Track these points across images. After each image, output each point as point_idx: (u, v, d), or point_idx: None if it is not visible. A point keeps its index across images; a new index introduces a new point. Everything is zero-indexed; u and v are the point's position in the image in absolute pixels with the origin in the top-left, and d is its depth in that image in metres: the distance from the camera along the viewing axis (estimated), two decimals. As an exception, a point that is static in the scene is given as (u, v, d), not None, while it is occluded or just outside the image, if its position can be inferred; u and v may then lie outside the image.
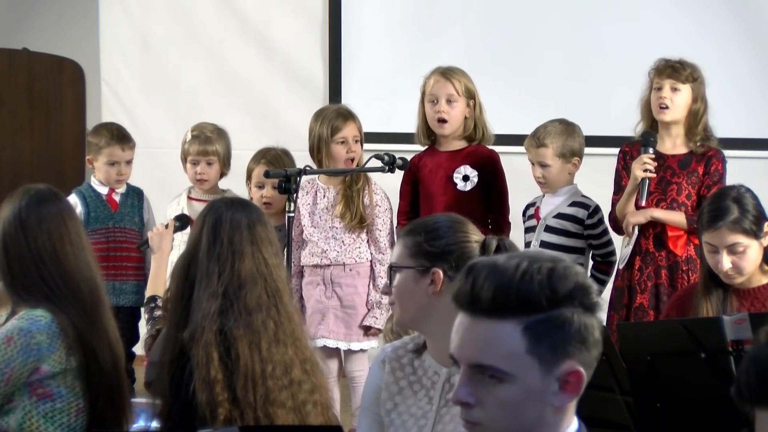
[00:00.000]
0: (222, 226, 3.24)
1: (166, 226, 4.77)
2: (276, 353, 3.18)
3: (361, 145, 5.41)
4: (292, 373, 3.21)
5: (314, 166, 5.27)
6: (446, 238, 2.99)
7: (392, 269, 3.04)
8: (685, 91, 5.06)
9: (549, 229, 5.24)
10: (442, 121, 5.33)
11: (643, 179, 4.96)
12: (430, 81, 5.38)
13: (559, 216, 5.25)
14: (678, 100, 5.05)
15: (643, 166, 4.95)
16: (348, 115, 5.42)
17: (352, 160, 5.37)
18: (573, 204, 5.26)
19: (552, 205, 5.28)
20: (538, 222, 5.27)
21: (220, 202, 3.34)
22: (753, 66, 6.56)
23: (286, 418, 3.16)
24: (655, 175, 4.98)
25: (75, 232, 3.46)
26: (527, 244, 5.36)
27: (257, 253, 3.24)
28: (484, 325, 2.00)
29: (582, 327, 2.01)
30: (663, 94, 5.04)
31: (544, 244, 5.18)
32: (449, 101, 5.32)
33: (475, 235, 3.01)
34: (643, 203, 4.98)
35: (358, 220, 5.33)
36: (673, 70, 5.05)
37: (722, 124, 5.25)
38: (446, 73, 5.36)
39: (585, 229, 5.23)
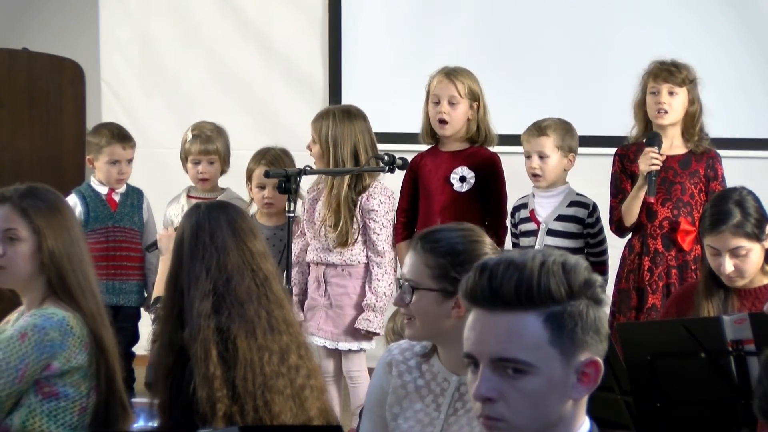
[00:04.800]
0: (201, 229, 3.27)
1: (176, 229, 4.80)
2: (272, 341, 3.21)
3: (322, 147, 5.30)
4: (289, 360, 3.23)
5: (314, 166, 5.27)
6: (473, 262, 2.92)
7: (412, 287, 2.96)
8: (682, 94, 5.06)
9: (551, 232, 5.23)
10: (443, 122, 5.32)
11: (649, 174, 4.96)
12: (434, 81, 5.37)
13: (560, 218, 5.24)
14: (676, 104, 5.06)
15: (649, 161, 4.95)
16: (314, 117, 5.40)
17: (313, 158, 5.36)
18: (572, 204, 5.26)
19: (549, 207, 5.27)
20: (538, 226, 5.25)
21: (196, 208, 3.36)
22: (755, 66, 6.57)
23: (284, 405, 3.19)
24: (659, 166, 4.97)
25: (81, 235, 3.53)
26: (514, 245, 5.35)
27: (241, 244, 3.27)
28: (505, 318, 2.02)
29: (596, 318, 2.05)
30: (661, 99, 5.04)
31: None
32: (451, 103, 5.31)
33: (493, 253, 2.95)
34: (652, 199, 4.98)
35: (342, 240, 5.28)
36: (669, 73, 5.05)
37: (724, 124, 5.26)
38: (450, 74, 5.34)
39: (585, 228, 5.23)
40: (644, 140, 5.07)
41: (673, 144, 5.11)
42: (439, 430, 2.98)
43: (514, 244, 5.37)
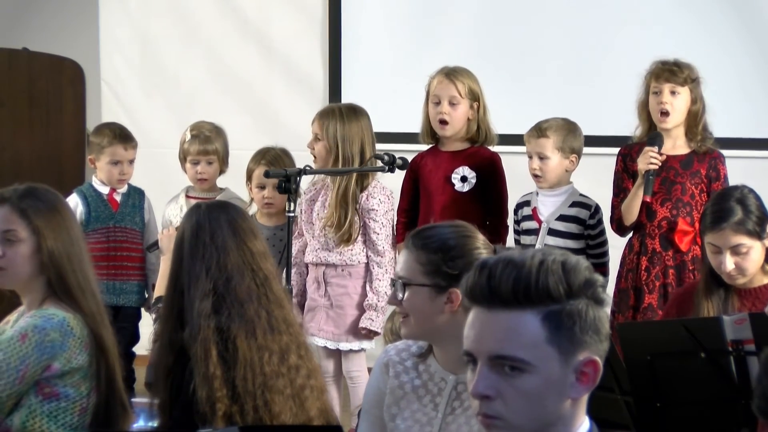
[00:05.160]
0: (202, 228, 3.27)
1: (177, 228, 4.80)
2: (272, 341, 3.21)
3: (329, 146, 5.30)
4: (289, 360, 3.24)
5: (314, 166, 5.27)
6: (464, 257, 2.94)
7: (404, 284, 2.98)
8: (685, 93, 5.06)
9: (552, 232, 5.23)
10: (444, 122, 5.32)
11: (647, 173, 4.96)
12: (434, 81, 5.37)
13: (562, 218, 5.24)
14: (678, 104, 5.05)
15: (648, 159, 4.95)
16: (318, 113, 5.40)
17: (314, 156, 5.34)
18: (574, 204, 5.25)
19: (552, 206, 5.27)
20: (539, 225, 5.25)
21: (197, 208, 3.36)
22: (755, 66, 6.57)
23: (284, 405, 3.19)
24: (658, 166, 4.97)
25: (81, 235, 3.54)
26: (516, 242, 5.36)
27: (241, 244, 3.27)
28: (503, 316, 2.02)
29: (596, 318, 2.04)
30: (663, 99, 5.03)
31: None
32: (452, 103, 5.31)
33: (485, 249, 2.98)
34: (648, 198, 4.98)
35: (345, 237, 5.28)
36: (671, 73, 5.04)
37: (725, 124, 5.25)
38: (450, 74, 5.34)
39: (585, 229, 5.23)
40: (646, 139, 5.07)
41: (676, 144, 5.11)
42: (437, 429, 2.98)
43: (516, 242, 5.37)
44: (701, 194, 5.05)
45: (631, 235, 5.19)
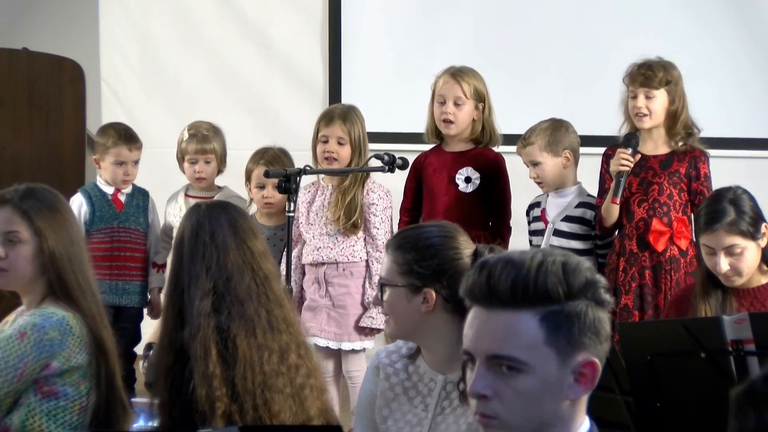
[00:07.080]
0: (202, 228, 3.28)
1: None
2: (271, 340, 3.21)
3: (353, 148, 5.34)
4: (289, 359, 3.24)
5: (314, 166, 5.27)
6: (438, 257, 2.95)
7: (382, 285, 3.01)
8: (660, 96, 5.05)
9: (558, 233, 5.23)
10: (448, 122, 5.32)
11: (618, 175, 4.96)
12: (440, 81, 5.37)
13: (568, 219, 5.24)
14: (654, 107, 5.04)
15: (619, 161, 4.96)
16: (335, 116, 5.39)
17: (335, 159, 5.34)
18: (580, 205, 5.25)
19: (559, 207, 5.27)
20: (546, 225, 5.25)
21: (196, 207, 3.36)
22: (754, 66, 6.56)
23: (284, 404, 3.19)
24: (629, 168, 4.97)
25: (80, 234, 3.56)
26: (530, 243, 5.36)
27: (241, 243, 3.28)
28: (502, 316, 2.02)
29: (596, 319, 2.04)
30: (638, 104, 5.04)
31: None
32: (456, 103, 5.31)
33: (467, 248, 2.98)
34: (617, 200, 4.98)
35: (351, 224, 5.29)
36: (645, 78, 5.04)
37: (724, 124, 5.25)
38: (456, 74, 5.34)
39: (592, 229, 5.23)
40: (622, 140, 5.08)
41: (657, 144, 5.11)
42: (427, 429, 3.00)
43: (530, 243, 5.38)
44: (680, 194, 5.04)
45: (615, 235, 5.20)
